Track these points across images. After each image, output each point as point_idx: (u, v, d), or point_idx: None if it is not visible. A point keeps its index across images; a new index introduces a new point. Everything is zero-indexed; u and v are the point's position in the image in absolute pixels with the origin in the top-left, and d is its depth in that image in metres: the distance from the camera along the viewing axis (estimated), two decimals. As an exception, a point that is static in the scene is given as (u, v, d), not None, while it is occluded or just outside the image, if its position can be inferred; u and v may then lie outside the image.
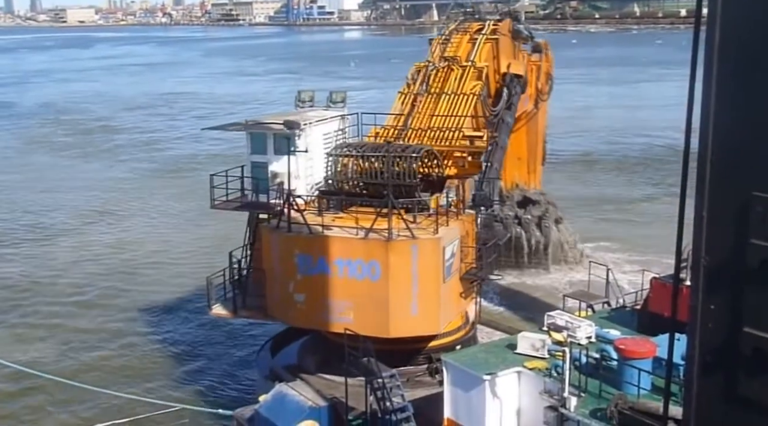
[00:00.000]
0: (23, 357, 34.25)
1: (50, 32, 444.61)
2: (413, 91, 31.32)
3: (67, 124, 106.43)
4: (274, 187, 26.41)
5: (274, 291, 25.33)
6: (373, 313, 23.78)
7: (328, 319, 24.39)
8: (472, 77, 31.95)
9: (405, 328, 24.41)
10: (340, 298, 23.96)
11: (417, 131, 29.38)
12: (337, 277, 23.80)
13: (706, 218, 6.17)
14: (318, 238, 24.10)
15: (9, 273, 46.61)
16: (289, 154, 25.90)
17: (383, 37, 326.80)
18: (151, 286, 43.76)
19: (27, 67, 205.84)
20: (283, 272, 24.84)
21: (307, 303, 24.53)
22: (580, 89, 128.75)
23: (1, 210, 61.60)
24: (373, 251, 23.59)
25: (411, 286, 23.85)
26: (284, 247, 24.83)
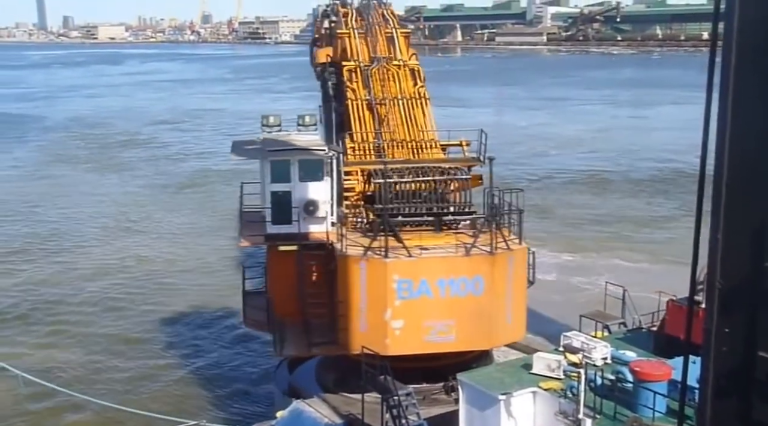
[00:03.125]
0: (43, 366, 34.65)
1: (82, 48, 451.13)
2: (362, 97, 31.03)
3: (93, 137, 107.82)
4: (307, 217, 25.59)
5: (358, 322, 24.02)
6: (477, 327, 23.98)
7: (428, 342, 23.92)
8: (408, 77, 31.96)
9: (503, 337, 25.08)
10: (441, 319, 23.70)
11: (392, 143, 29.45)
12: (440, 297, 23.54)
13: (721, 241, 6.14)
14: (420, 260, 23.55)
15: (32, 282, 47.23)
16: (333, 177, 25.84)
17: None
18: (170, 298, 44.13)
19: (58, 82, 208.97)
20: (376, 300, 23.70)
21: (406, 329, 23.69)
22: (601, 110, 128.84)
23: (26, 221, 62.45)
24: (478, 267, 23.75)
25: (507, 296, 24.39)
26: (379, 274, 23.59)
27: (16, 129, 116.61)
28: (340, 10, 36.45)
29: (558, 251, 49.02)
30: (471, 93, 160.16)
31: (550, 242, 49.22)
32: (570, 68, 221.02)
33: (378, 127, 29.99)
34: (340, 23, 35.23)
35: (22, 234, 58.48)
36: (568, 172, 76.91)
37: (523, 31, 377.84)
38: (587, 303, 35.24)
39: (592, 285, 41.13)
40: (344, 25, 34.65)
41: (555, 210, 58.95)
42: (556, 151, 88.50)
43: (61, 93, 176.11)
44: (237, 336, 38.02)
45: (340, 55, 33.95)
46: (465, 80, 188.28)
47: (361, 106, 30.80)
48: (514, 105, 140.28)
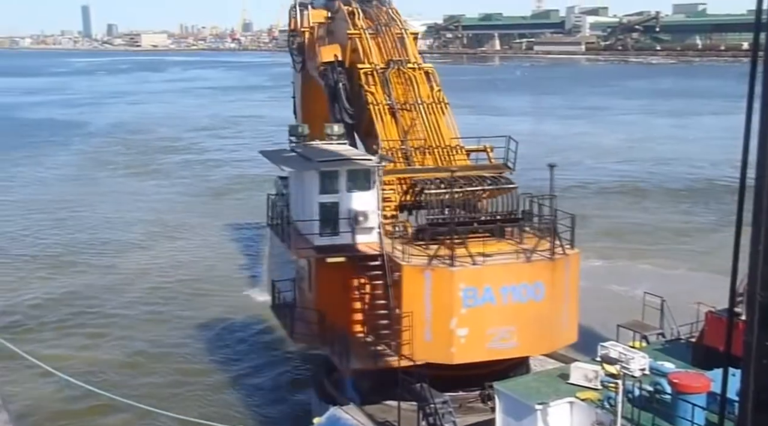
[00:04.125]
0: (84, 368, 35.26)
1: (125, 56, 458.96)
2: (382, 101, 30.93)
3: (134, 143, 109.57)
4: (357, 228, 25.47)
5: (422, 332, 23.86)
6: (537, 332, 24.27)
7: (491, 349, 24.07)
8: (424, 80, 31.81)
9: (560, 341, 25.36)
10: (504, 325, 23.88)
11: (418, 150, 29.39)
12: (502, 303, 23.73)
13: (762, 253, 6.13)
14: (485, 268, 23.67)
15: (74, 285, 48.18)
16: (375, 189, 25.79)
17: (445, 65, 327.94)
18: (207, 303, 44.63)
19: (102, 88, 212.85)
20: (442, 309, 23.65)
21: (470, 336, 23.74)
22: (639, 120, 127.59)
23: (68, 225, 63.68)
24: (539, 272, 24.07)
25: (564, 300, 24.75)
26: (445, 283, 23.58)
27: (61, 134, 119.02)
28: (342, 7, 35.78)
29: (594, 259, 48.65)
30: (509, 101, 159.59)
31: (586, 250, 48.49)
32: (608, 78, 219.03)
33: (404, 134, 29.89)
34: (345, 21, 34.52)
35: (65, 238, 59.62)
36: (604, 181, 76.34)
37: (561, 41, 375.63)
38: (624, 312, 34.83)
39: (629, 294, 40.75)
40: (351, 25, 34.02)
41: (591, 218, 58.40)
42: (593, 160, 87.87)
43: (105, 99, 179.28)
44: (273, 342, 38.34)
45: (351, 56, 33.54)
46: (503, 89, 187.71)
47: (383, 111, 30.64)
48: (552, 114, 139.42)
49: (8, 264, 52.86)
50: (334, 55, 34.15)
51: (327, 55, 34.37)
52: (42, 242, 58.59)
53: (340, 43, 34.86)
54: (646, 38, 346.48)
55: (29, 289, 47.63)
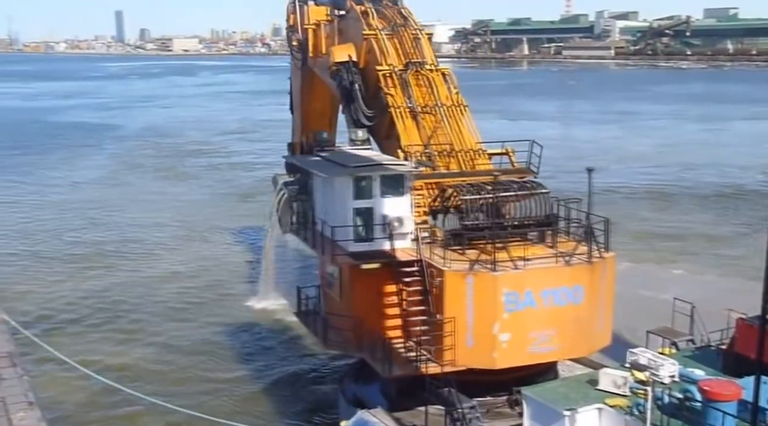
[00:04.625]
0: (116, 369, 35.77)
1: (157, 60, 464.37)
2: (403, 104, 30.72)
3: (165, 147, 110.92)
4: (392, 233, 25.39)
5: (464, 338, 23.80)
6: (576, 335, 24.44)
7: (532, 353, 24.18)
8: (442, 82, 31.61)
9: (597, 345, 25.41)
10: (544, 329, 24.01)
11: (442, 154, 29.28)
12: (543, 307, 23.83)
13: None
14: (526, 272, 23.73)
15: (106, 286, 48.91)
16: (408, 194, 25.76)
17: (473, 69, 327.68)
18: (235, 306, 45.07)
19: (134, 92, 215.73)
20: (484, 314, 23.66)
21: (512, 341, 23.78)
22: (669, 125, 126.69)
23: (100, 227, 64.71)
24: (578, 276, 24.22)
25: (601, 303, 24.94)
26: (488, 288, 23.50)
27: (94, 137, 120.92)
28: (355, 6, 35.34)
29: (622, 263, 48.34)
30: (537, 106, 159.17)
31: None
32: (638, 82, 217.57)
33: (427, 137, 29.74)
34: (358, 21, 34.18)
35: (97, 239, 60.53)
36: (632, 185, 75.90)
37: (590, 45, 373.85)
38: (653, 318, 34.61)
39: (658, 299, 40.39)
40: (366, 25, 33.62)
41: (618, 223, 57.72)
42: (622, 165, 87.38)
43: (137, 103, 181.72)
44: (299, 345, 38.63)
45: (366, 57, 33.23)
46: (532, 94, 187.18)
47: (404, 114, 30.49)
48: (581, 118, 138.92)
49: (42, 264, 53.83)
50: (348, 55, 33.81)
51: (340, 55, 33.96)
52: (75, 243, 59.55)
53: (353, 43, 34.48)
54: (677, 43, 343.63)
55: (63, 289, 48.44)
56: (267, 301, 44.55)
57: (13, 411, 18.62)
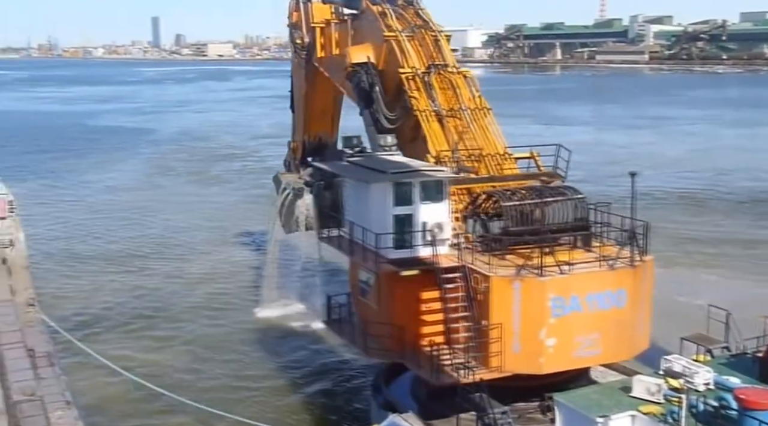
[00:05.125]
0: (151, 369, 36.23)
1: (192, 65, 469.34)
2: (428, 108, 30.46)
3: (199, 150, 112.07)
4: (432, 239, 25.06)
5: (510, 343, 23.66)
6: (619, 339, 24.46)
7: (577, 357, 24.20)
8: (465, 85, 31.35)
9: (638, 348, 25.36)
10: (588, 333, 23.98)
11: (470, 157, 29.10)
12: (588, 311, 23.81)
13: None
14: (572, 276, 23.70)
15: (142, 288, 49.59)
16: (447, 200, 25.69)
17: (506, 74, 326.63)
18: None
19: (170, 97, 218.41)
20: (531, 319, 23.53)
21: (558, 346, 23.73)
22: (704, 130, 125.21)
23: (134, 229, 65.66)
24: (622, 280, 24.24)
25: (642, 307, 25.02)
26: (535, 293, 23.40)
27: (130, 141, 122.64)
28: (371, 7, 34.90)
29: (655, 269, 47.87)
30: (570, 111, 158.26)
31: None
32: (673, 87, 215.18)
33: (456, 141, 29.49)
34: (375, 22, 33.83)
35: (132, 242, 61.40)
36: (665, 191, 75.23)
37: (624, 50, 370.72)
38: (687, 324, 34.28)
39: (692, 306, 40.00)
40: (385, 26, 33.24)
41: (651, 228, 57.41)
42: (655, 170, 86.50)
43: (172, 107, 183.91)
44: (333, 349, 38.78)
45: (386, 58, 32.86)
46: (565, 98, 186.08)
47: (430, 118, 30.22)
48: (615, 123, 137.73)
49: (79, 266, 54.75)
50: (367, 57, 33.56)
51: (358, 56, 33.69)
52: (110, 246, 60.49)
53: (370, 44, 34.16)
54: (712, 47, 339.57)
55: (99, 291, 49.18)
56: (271, 309, 43.79)
57: (51, 410, 19.01)
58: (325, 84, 41.01)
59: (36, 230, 56.36)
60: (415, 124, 30.69)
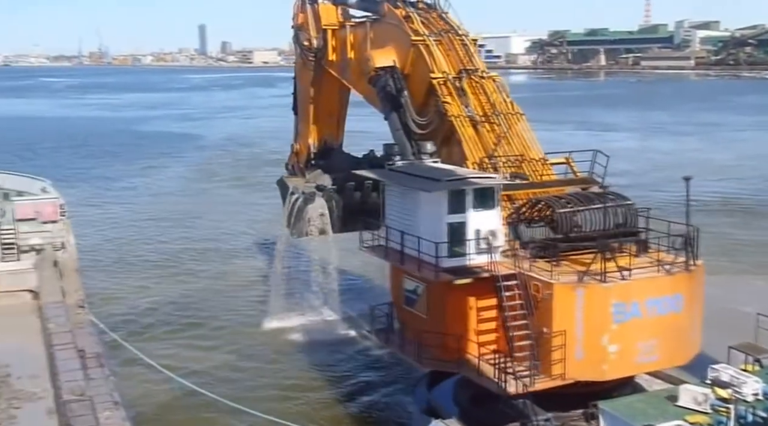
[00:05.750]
0: (192, 368, 36.78)
1: (238, 72, 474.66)
2: (462, 113, 30.15)
3: (244, 156, 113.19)
4: (486, 247, 25.03)
5: (573, 350, 23.70)
6: (675, 344, 24.65)
7: (637, 363, 24.33)
8: (496, 90, 31.01)
9: (692, 353, 25.41)
10: (648, 339, 24.08)
11: (506, 162, 28.99)
12: (647, 317, 23.90)
13: None
14: (633, 282, 23.76)
15: (187, 290, 50.34)
16: (498, 207, 25.72)
17: (549, 80, 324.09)
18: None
19: (216, 103, 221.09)
20: (594, 326, 23.56)
21: (620, 352, 23.78)
22: (753, 137, 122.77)
23: (180, 233, 66.61)
24: (678, 285, 24.41)
25: (696, 311, 25.23)
26: (598, 299, 23.48)
27: (177, 147, 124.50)
28: (392, 10, 34.48)
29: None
30: (615, 117, 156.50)
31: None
32: (720, 93, 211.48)
33: (493, 147, 29.30)
34: (398, 26, 33.49)
35: (177, 246, 62.31)
36: (711, 198, 73.70)
37: (669, 55, 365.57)
38: (735, 332, 33.57)
39: (739, 314, 39.14)
40: (411, 30, 32.85)
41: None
42: (700, 176, 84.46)
43: (218, 114, 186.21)
44: (374, 356, 38.87)
45: (414, 63, 32.48)
46: (609, 104, 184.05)
47: (465, 123, 29.96)
48: (660, 130, 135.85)
49: (127, 269, 55.72)
50: (393, 61, 33.26)
51: (382, 60, 33.40)
52: (157, 249, 61.46)
53: (394, 48, 33.79)
54: (760, 52, 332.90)
55: (146, 293, 49.95)
56: (278, 321, 42.95)
57: (99, 410, 19.27)
58: (332, 87, 41.12)
59: (85, 233, 57.44)
60: (448, 129, 30.52)
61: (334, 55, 39.47)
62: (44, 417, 19.58)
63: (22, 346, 23.97)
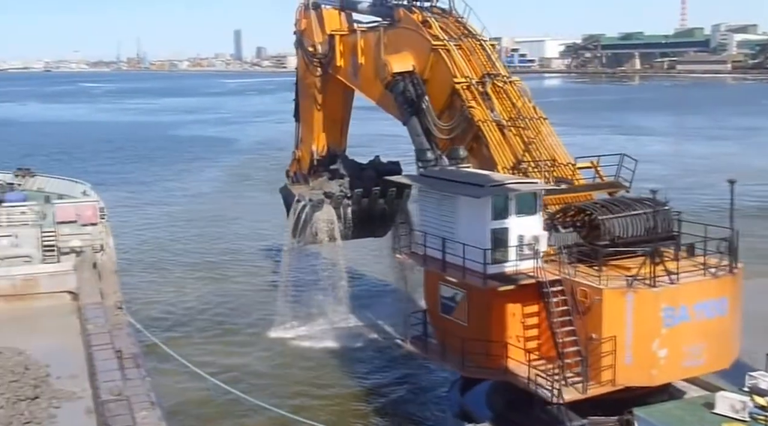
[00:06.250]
0: (226, 369, 37.08)
1: (272, 77, 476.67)
2: (489, 118, 29.94)
3: (278, 160, 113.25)
4: (529, 253, 24.92)
5: (623, 356, 23.67)
6: (721, 347, 24.73)
7: (685, 367, 24.37)
8: (519, 95, 30.77)
9: (734, 356, 25.46)
10: (695, 343, 24.14)
11: (534, 166, 28.87)
12: (695, 320, 23.94)
13: None
14: (682, 286, 23.81)
15: (222, 292, 50.83)
16: (540, 212, 25.73)
17: (583, 84, 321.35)
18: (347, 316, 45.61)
19: (251, 107, 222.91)
20: (644, 331, 23.57)
21: (669, 357, 23.80)
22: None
23: (213, 236, 67.28)
24: (724, 288, 24.57)
25: (738, 314, 25.31)
26: (648, 304, 23.55)
27: (213, 150, 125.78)
28: (408, 15, 34.19)
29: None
30: (650, 121, 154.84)
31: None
32: (757, 97, 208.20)
33: (522, 151, 29.11)
34: (416, 30, 33.14)
35: (212, 248, 62.95)
36: (748, 203, 72.39)
37: (706, 59, 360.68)
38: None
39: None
40: (430, 36, 32.54)
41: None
42: (738, 181, 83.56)
43: (252, 118, 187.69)
44: (408, 359, 38.82)
45: (435, 67, 32.17)
46: (644, 108, 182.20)
47: (493, 128, 29.74)
48: (696, 134, 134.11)
49: (164, 271, 56.46)
50: (412, 66, 32.93)
51: (400, 65, 33.07)
52: (192, 252, 62.13)
53: (410, 53, 33.42)
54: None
55: (183, 295, 50.52)
56: (285, 331, 42.46)
57: (136, 409, 19.46)
58: (337, 92, 41.00)
59: (123, 236, 58.23)
60: (474, 135, 30.27)
61: (342, 61, 39.21)
62: (83, 416, 19.83)
63: (62, 346, 24.34)
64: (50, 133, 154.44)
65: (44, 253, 31.50)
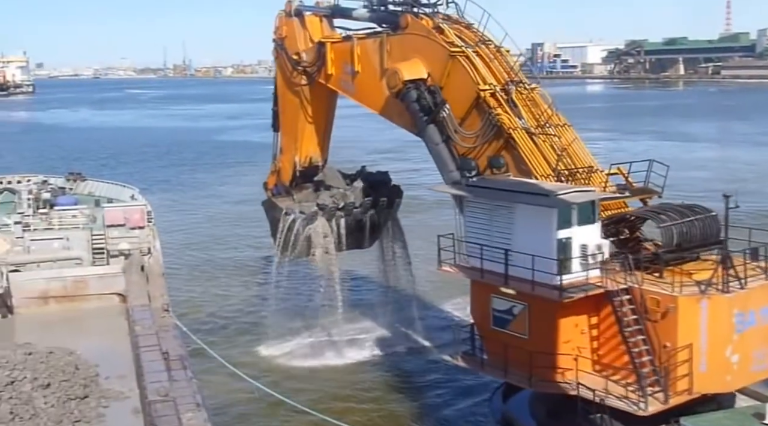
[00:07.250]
0: (269, 372, 37.68)
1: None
2: (517, 125, 29.45)
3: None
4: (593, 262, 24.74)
5: (698, 363, 23.41)
6: None
7: (753, 372, 24.18)
8: (541, 101, 30.39)
9: None
10: (762, 347, 24.01)
11: (570, 173, 28.56)
12: (762, 325, 23.84)
13: None
14: (752, 291, 23.73)
15: (269, 295, 51.05)
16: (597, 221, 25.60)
17: (626, 90, 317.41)
18: (380, 324, 45.54)
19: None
20: (718, 337, 23.34)
21: (740, 362, 23.63)
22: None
23: (256, 240, 66.88)
24: None
25: None
26: (722, 310, 23.33)
27: (255, 155, 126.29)
28: (416, 21, 33.19)
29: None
30: (695, 127, 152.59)
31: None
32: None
33: (556, 159, 28.66)
34: (430, 36, 32.33)
35: (258, 252, 62.74)
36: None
37: (751, 64, 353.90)
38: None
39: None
40: (446, 42, 31.70)
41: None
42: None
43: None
44: (449, 366, 38.71)
45: (453, 75, 31.33)
46: (688, 114, 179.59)
47: (523, 136, 29.24)
48: (742, 140, 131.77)
49: (210, 274, 57.27)
50: (427, 73, 32.04)
51: (413, 72, 32.07)
52: (237, 255, 62.94)
53: (421, 60, 32.45)
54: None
55: (228, 298, 51.19)
56: (273, 348, 41.53)
57: (182, 411, 19.68)
58: (320, 101, 40.17)
59: (170, 239, 59.08)
60: (503, 143, 29.66)
61: (333, 69, 37.95)
62: (130, 416, 20.18)
63: (111, 347, 24.80)
64: (99, 139, 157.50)
65: (94, 255, 32.13)
